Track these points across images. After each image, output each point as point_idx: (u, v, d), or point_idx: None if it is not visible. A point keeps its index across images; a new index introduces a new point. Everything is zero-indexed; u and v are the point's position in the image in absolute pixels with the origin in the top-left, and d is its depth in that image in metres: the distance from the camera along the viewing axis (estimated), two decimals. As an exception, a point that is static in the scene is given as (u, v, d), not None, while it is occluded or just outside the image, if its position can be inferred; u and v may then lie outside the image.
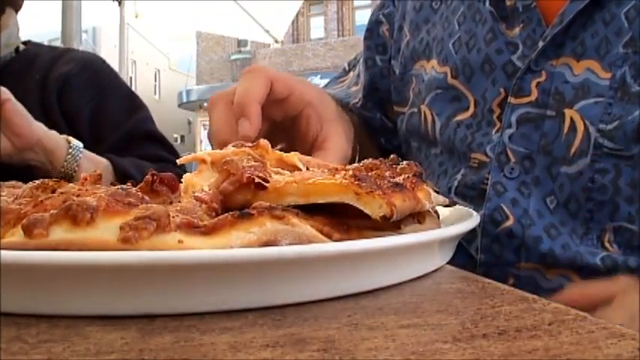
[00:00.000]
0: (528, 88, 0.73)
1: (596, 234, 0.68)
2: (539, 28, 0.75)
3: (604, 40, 0.70)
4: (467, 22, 0.83)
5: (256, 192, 0.39)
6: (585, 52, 0.71)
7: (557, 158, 0.70)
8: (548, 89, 0.72)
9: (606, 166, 0.68)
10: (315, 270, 0.35)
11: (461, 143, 0.78)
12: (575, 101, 0.70)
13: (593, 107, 0.69)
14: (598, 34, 0.71)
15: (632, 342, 0.29)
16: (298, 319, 0.32)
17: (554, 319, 0.33)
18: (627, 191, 0.67)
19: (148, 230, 0.33)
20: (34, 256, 0.30)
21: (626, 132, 0.67)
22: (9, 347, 0.28)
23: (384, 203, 0.37)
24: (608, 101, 0.68)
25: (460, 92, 0.81)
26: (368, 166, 0.46)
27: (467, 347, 0.28)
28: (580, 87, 0.70)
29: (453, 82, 0.82)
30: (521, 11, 0.77)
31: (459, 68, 0.82)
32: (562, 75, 0.72)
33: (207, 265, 0.32)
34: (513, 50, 0.76)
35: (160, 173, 0.40)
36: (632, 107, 0.67)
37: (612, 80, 0.68)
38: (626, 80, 0.68)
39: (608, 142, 0.67)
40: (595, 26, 0.71)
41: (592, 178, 0.68)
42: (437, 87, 0.84)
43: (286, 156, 0.47)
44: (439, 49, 0.85)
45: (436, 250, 0.43)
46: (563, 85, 0.71)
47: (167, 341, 0.29)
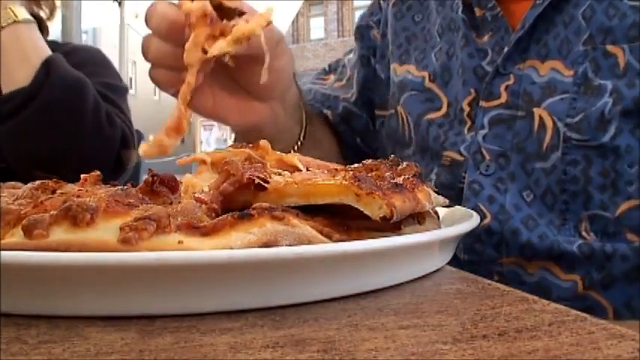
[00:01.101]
0: (498, 92, 0.77)
1: (573, 224, 0.71)
2: (506, 35, 0.79)
3: (565, 41, 0.74)
4: (445, 32, 0.87)
5: (256, 193, 0.39)
6: (549, 53, 0.75)
7: (530, 154, 0.73)
8: (517, 91, 0.75)
9: (576, 158, 0.71)
10: (315, 271, 0.35)
11: (434, 142, 0.81)
12: (543, 100, 0.73)
13: (559, 104, 0.72)
14: (559, 35, 0.74)
15: (632, 343, 0.29)
16: (298, 320, 0.32)
17: (554, 320, 0.33)
18: (598, 180, 0.70)
19: (147, 231, 0.33)
20: (34, 256, 0.30)
21: (590, 122, 0.70)
22: (9, 348, 0.28)
23: (384, 204, 0.37)
24: (572, 97, 0.71)
25: (434, 94, 0.85)
26: (368, 167, 0.46)
27: (467, 348, 0.28)
28: (546, 86, 0.73)
29: (430, 85, 0.86)
30: (490, 20, 0.80)
31: (437, 73, 0.85)
32: (529, 77, 0.75)
33: (208, 265, 0.32)
34: (483, 56, 0.80)
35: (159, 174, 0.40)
36: (595, 99, 0.70)
37: (575, 77, 0.72)
38: (587, 75, 0.72)
39: (576, 135, 0.70)
40: (556, 29, 0.74)
41: (564, 170, 0.71)
42: (412, 89, 0.87)
43: (286, 157, 0.47)
44: (420, 57, 0.89)
45: (436, 251, 0.43)
46: (531, 86, 0.74)
47: (167, 342, 0.29)
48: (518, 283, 0.72)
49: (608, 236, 0.70)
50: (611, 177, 0.70)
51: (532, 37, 0.76)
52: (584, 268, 0.69)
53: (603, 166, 0.70)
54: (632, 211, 0.69)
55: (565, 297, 0.70)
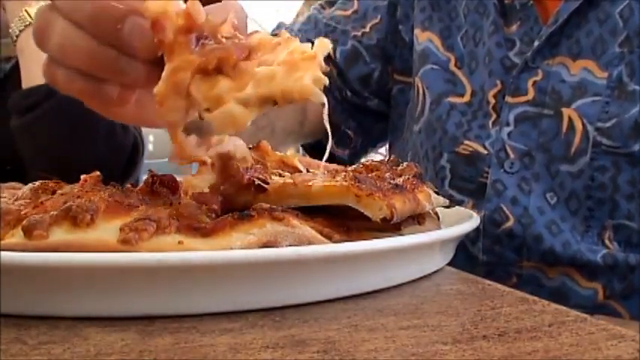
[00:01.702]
0: (525, 87, 0.74)
1: (597, 231, 0.69)
2: (536, 27, 0.75)
3: (599, 40, 0.71)
4: (471, 13, 0.82)
5: (256, 194, 0.39)
6: (581, 52, 0.72)
7: (555, 156, 0.71)
8: (544, 88, 0.72)
9: (605, 164, 0.68)
10: (315, 271, 0.35)
11: (455, 128, 0.77)
12: (573, 100, 0.70)
13: (590, 106, 0.69)
14: (593, 33, 0.71)
15: (632, 343, 0.29)
16: (298, 321, 0.32)
17: (554, 321, 0.33)
18: (626, 189, 0.68)
19: (147, 231, 0.33)
20: (34, 257, 0.30)
21: (623, 129, 0.67)
22: (9, 349, 0.28)
23: (384, 205, 0.37)
24: (605, 100, 0.69)
25: (459, 79, 0.81)
26: (368, 168, 0.46)
27: (467, 348, 0.28)
28: (577, 86, 0.71)
29: (456, 70, 0.81)
30: (519, 9, 0.77)
31: (465, 60, 0.81)
32: (558, 74, 0.72)
33: (207, 266, 0.32)
34: (511, 47, 0.76)
35: (159, 175, 0.40)
36: (629, 105, 0.68)
37: (609, 79, 0.69)
38: (622, 79, 0.69)
39: (607, 140, 0.68)
40: (589, 25, 0.72)
41: (592, 176, 0.69)
42: (434, 62, 0.82)
43: (287, 158, 0.47)
44: (446, 33, 0.84)
45: (436, 252, 0.43)
46: (560, 84, 0.72)
47: (167, 342, 0.29)
48: (536, 286, 0.70)
49: (631, 246, 0.68)
50: (639, 187, 0.68)
51: (563, 32, 0.73)
52: (606, 277, 0.68)
53: (632, 174, 0.68)
54: None
55: (583, 304, 0.68)
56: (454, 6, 0.84)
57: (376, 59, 0.90)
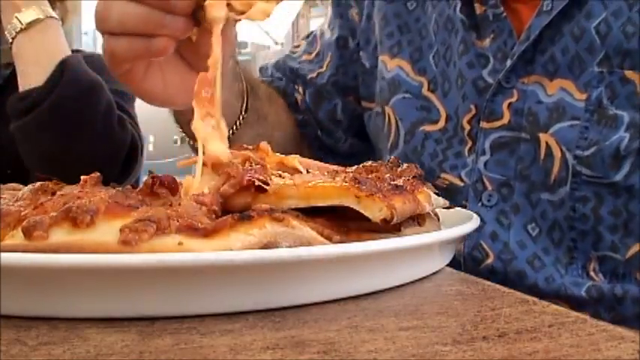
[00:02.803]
0: (500, 110, 0.70)
1: (581, 263, 0.67)
2: (510, 40, 0.71)
3: (576, 58, 0.67)
4: (440, 31, 0.78)
5: (256, 195, 0.39)
6: (558, 71, 0.68)
7: (536, 183, 0.68)
8: (521, 110, 0.69)
9: (587, 195, 0.66)
10: (315, 272, 0.35)
11: (430, 159, 0.75)
12: (550, 124, 0.67)
13: (568, 131, 0.66)
14: (569, 50, 0.68)
15: (632, 344, 0.29)
16: (298, 322, 0.32)
17: (554, 322, 0.33)
18: (609, 220, 0.65)
19: (148, 232, 0.33)
20: (34, 258, 0.30)
21: (603, 158, 0.64)
22: (9, 349, 0.28)
23: (384, 206, 0.37)
24: (584, 124, 0.66)
25: (432, 105, 0.77)
26: (368, 169, 0.46)
27: (467, 349, 0.28)
28: (554, 108, 0.67)
29: (428, 94, 0.78)
30: (492, 20, 0.73)
31: (438, 82, 0.77)
32: (535, 94, 0.69)
33: (207, 267, 0.32)
34: (484, 64, 0.73)
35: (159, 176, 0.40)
36: (610, 131, 0.65)
37: (588, 102, 0.66)
38: (602, 102, 0.65)
39: (587, 170, 0.65)
40: (564, 40, 0.68)
41: (573, 207, 0.66)
42: (406, 91, 0.79)
43: (287, 159, 0.47)
44: (416, 55, 0.80)
45: (436, 253, 0.43)
46: (537, 105, 0.68)
47: (167, 343, 0.29)
48: None
49: (617, 278, 0.66)
50: (622, 217, 0.65)
51: (537, 47, 0.69)
52: (593, 309, 0.65)
53: (615, 205, 0.65)
54: None
55: None
56: (424, 23, 0.81)
57: (335, 94, 0.89)
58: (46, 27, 0.95)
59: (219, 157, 0.45)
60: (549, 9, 0.68)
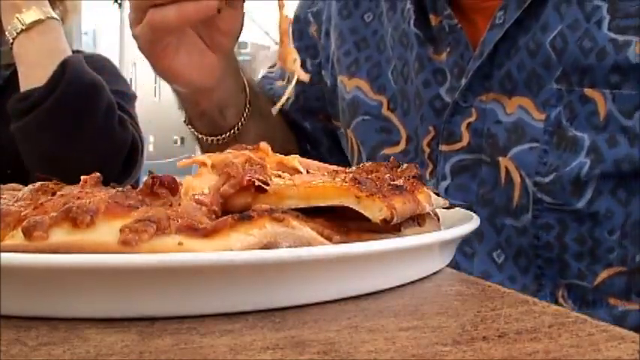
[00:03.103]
0: (459, 132, 0.67)
1: (549, 290, 0.65)
2: (467, 53, 0.68)
3: (533, 74, 0.64)
4: (397, 46, 0.75)
5: (256, 195, 0.39)
6: (516, 88, 0.64)
7: (499, 208, 0.65)
8: (480, 130, 0.66)
9: (549, 222, 0.63)
10: (315, 272, 0.35)
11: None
12: (509, 147, 0.64)
13: (527, 154, 0.63)
14: (525, 66, 0.64)
15: (632, 344, 0.29)
16: (298, 322, 0.32)
17: (554, 322, 0.33)
18: (575, 248, 0.63)
19: (148, 233, 0.33)
20: (34, 258, 0.30)
21: (563, 185, 0.61)
22: (9, 350, 0.28)
23: (384, 206, 0.37)
24: (543, 148, 0.63)
25: (392, 125, 0.74)
26: (368, 169, 0.46)
27: (467, 350, 0.28)
28: (513, 129, 0.64)
29: (388, 114, 0.75)
30: (448, 32, 0.69)
31: (397, 100, 0.74)
32: (493, 113, 0.65)
33: (207, 267, 0.32)
34: (441, 81, 0.69)
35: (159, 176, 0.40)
36: (569, 156, 0.61)
37: (547, 122, 0.62)
38: (561, 122, 0.62)
39: (547, 197, 0.62)
40: (520, 55, 0.64)
41: (536, 234, 0.63)
42: (365, 112, 0.76)
43: (286, 159, 0.47)
44: (374, 72, 0.76)
45: (436, 253, 0.43)
46: (496, 126, 0.65)
47: (167, 344, 0.29)
48: None
49: (587, 304, 0.63)
50: (588, 245, 0.62)
51: (493, 61, 0.65)
52: None
53: (579, 232, 0.62)
54: (614, 278, 0.63)
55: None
56: (382, 36, 0.77)
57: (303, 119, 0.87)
58: (47, 27, 0.95)
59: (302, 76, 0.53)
60: (502, 21, 0.64)
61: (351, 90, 0.78)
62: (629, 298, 0.63)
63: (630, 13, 0.60)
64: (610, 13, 0.61)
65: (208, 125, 0.74)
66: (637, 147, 0.60)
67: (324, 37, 0.84)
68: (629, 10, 0.60)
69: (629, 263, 0.62)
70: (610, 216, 0.61)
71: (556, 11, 0.63)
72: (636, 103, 0.60)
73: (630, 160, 0.60)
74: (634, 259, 0.62)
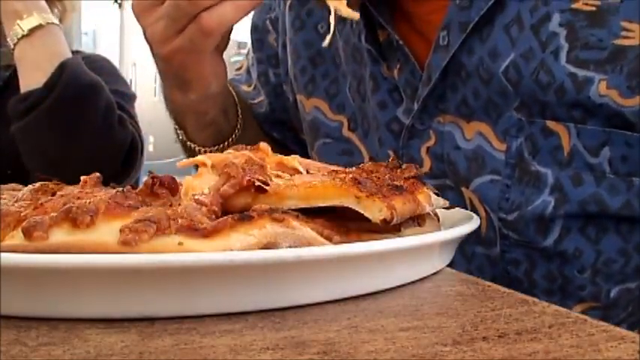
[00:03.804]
0: (419, 157, 0.63)
1: None
2: (416, 73, 0.63)
3: (490, 103, 0.59)
4: (349, 61, 0.70)
5: (256, 195, 0.39)
6: (474, 114, 0.60)
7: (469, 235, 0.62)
8: (440, 155, 0.62)
9: (518, 257, 0.59)
10: (315, 273, 0.35)
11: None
12: (470, 178, 0.61)
13: (490, 188, 0.59)
14: (480, 94, 0.59)
15: (632, 345, 0.29)
16: (298, 322, 0.32)
17: (554, 322, 0.33)
18: (544, 284, 0.59)
19: (148, 233, 0.33)
20: (34, 258, 0.30)
21: (528, 224, 0.57)
22: (9, 350, 0.28)
23: (384, 206, 0.37)
24: (505, 182, 0.59)
25: (354, 146, 0.70)
26: (367, 169, 0.46)
27: (467, 350, 0.28)
28: (473, 157, 0.60)
29: (349, 134, 0.70)
30: (396, 47, 0.64)
31: (357, 120, 0.70)
32: (452, 137, 0.61)
33: (207, 267, 0.32)
34: (398, 100, 0.65)
35: (159, 176, 0.40)
36: (532, 193, 0.57)
37: (508, 154, 0.58)
38: (523, 156, 0.57)
39: (513, 234, 0.58)
40: (473, 82, 0.59)
41: (506, 269, 0.60)
42: (326, 135, 0.72)
43: (286, 159, 0.47)
44: (332, 89, 0.72)
45: (436, 253, 0.43)
46: (455, 152, 0.61)
47: (167, 344, 0.29)
48: None
49: None
50: (558, 282, 0.59)
51: (446, 83, 0.60)
52: None
53: (549, 269, 0.58)
54: (588, 313, 0.56)
55: None
56: (336, 48, 0.71)
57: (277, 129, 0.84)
58: (47, 33, 0.96)
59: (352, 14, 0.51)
60: (445, 43, 0.59)
61: (310, 110, 0.73)
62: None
63: (591, 43, 0.55)
64: (568, 42, 0.55)
65: (214, 134, 0.72)
66: (603, 187, 0.56)
67: (282, 50, 0.79)
68: (590, 40, 0.55)
69: (603, 299, 0.59)
70: (579, 255, 0.57)
71: (506, 34, 0.57)
72: (602, 139, 0.55)
73: (597, 201, 0.56)
74: (608, 294, 0.58)
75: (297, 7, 0.74)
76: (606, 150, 0.55)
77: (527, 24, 0.57)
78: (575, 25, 0.55)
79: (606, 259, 0.57)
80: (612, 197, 0.55)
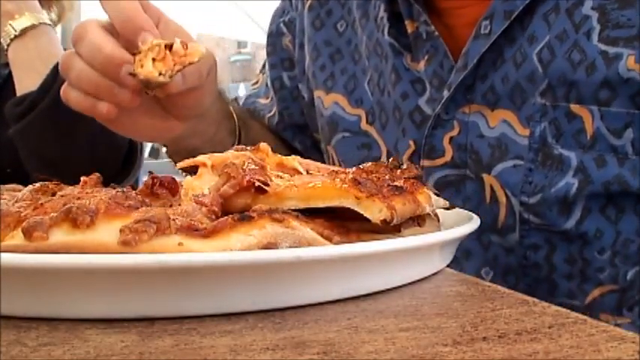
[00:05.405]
0: (441, 147, 0.65)
1: None
2: (446, 62, 0.65)
3: (517, 87, 0.61)
4: (372, 56, 0.72)
5: (256, 196, 0.39)
6: (499, 101, 0.62)
7: (485, 225, 0.61)
8: (463, 145, 0.64)
9: (537, 242, 0.61)
10: (315, 273, 0.35)
11: None
12: (493, 163, 0.62)
13: (512, 173, 0.61)
14: (509, 77, 0.61)
15: (632, 345, 0.29)
16: (298, 322, 0.32)
17: (554, 322, 0.33)
18: (564, 268, 0.61)
19: (147, 233, 0.33)
20: (34, 259, 0.30)
21: (550, 207, 0.59)
22: (9, 350, 0.28)
23: (384, 207, 0.37)
24: (528, 166, 0.60)
25: (372, 139, 0.72)
26: (367, 170, 0.46)
27: (467, 350, 0.28)
28: (497, 144, 0.62)
29: (368, 128, 0.73)
30: (425, 39, 0.66)
31: (375, 113, 0.72)
32: (476, 127, 0.63)
33: (207, 267, 0.32)
34: (421, 91, 0.67)
35: (159, 177, 0.40)
36: (556, 176, 0.59)
37: (531, 139, 0.60)
38: (546, 140, 0.59)
39: (534, 218, 0.60)
40: (505, 66, 0.62)
41: (524, 254, 0.62)
42: (344, 129, 0.74)
43: (286, 159, 0.47)
44: (351, 85, 0.74)
45: (436, 253, 0.43)
46: (479, 140, 0.63)
47: (167, 344, 0.29)
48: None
49: None
50: (578, 265, 0.60)
51: (477, 72, 0.62)
52: None
53: (569, 252, 0.60)
54: (605, 296, 0.61)
55: None
56: (356, 45, 0.74)
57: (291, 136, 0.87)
58: (40, 33, 0.95)
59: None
60: (487, 31, 0.61)
61: (329, 106, 0.76)
62: (621, 313, 0.62)
63: (621, 23, 0.57)
64: (600, 23, 0.58)
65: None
66: (627, 168, 0.57)
67: (299, 50, 0.81)
68: (620, 20, 0.57)
69: (621, 281, 0.60)
70: (599, 236, 0.59)
71: (544, 21, 0.60)
72: (626, 121, 0.57)
73: (620, 182, 0.57)
74: (625, 276, 0.60)
75: (317, 7, 0.77)
76: (629, 132, 0.57)
77: (562, 9, 0.60)
78: (607, 7, 0.58)
79: (625, 240, 0.59)
80: (635, 178, 0.57)
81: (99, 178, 0.45)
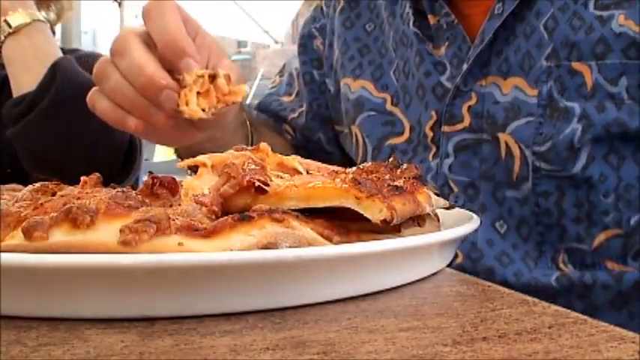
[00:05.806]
0: (460, 114, 0.72)
1: (550, 255, 0.68)
2: (464, 45, 0.74)
3: (526, 55, 0.69)
4: (399, 47, 0.81)
5: (256, 196, 0.39)
6: (510, 69, 0.70)
7: (500, 182, 0.70)
8: (480, 112, 0.71)
9: (548, 189, 0.67)
10: (315, 273, 0.35)
11: None
12: (507, 123, 0.69)
13: (524, 129, 0.68)
14: (520, 49, 0.69)
15: (632, 345, 0.29)
16: (298, 322, 0.32)
17: (554, 322, 0.33)
18: (573, 212, 0.67)
19: (148, 233, 0.33)
20: (34, 258, 0.30)
21: (559, 152, 0.66)
22: (9, 350, 0.28)
23: (384, 207, 0.37)
24: (538, 120, 0.67)
25: (396, 118, 0.80)
26: (367, 169, 0.46)
27: (467, 350, 0.28)
28: (510, 107, 0.69)
29: (392, 108, 0.80)
30: (446, 28, 0.75)
31: (399, 95, 0.80)
32: (491, 95, 0.71)
33: (208, 267, 0.32)
34: (442, 71, 0.75)
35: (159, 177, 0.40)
36: (562, 124, 0.66)
37: (539, 97, 0.68)
38: (553, 96, 0.67)
39: (545, 164, 0.67)
40: (517, 41, 0.70)
41: (536, 202, 0.68)
42: (370, 109, 0.82)
43: (286, 159, 0.47)
44: (377, 74, 0.83)
45: (436, 253, 0.43)
46: (494, 106, 0.70)
47: (167, 344, 0.29)
48: None
49: (586, 267, 0.67)
50: (585, 209, 0.67)
51: (492, 49, 0.71)
52: (564, 299, 0.67)
53: (577, 197, 0.67)
54: (611, 241, 0.66)
55: None
56: (383, 42, 0.84)
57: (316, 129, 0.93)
58: (35, 30, 0.94)
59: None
60: (500, 12, 0.70)
61: (356, 90, 0.84)
62: (626, 262, 0.67)
63: None
64: None
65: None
66: (624, 111, 0.65)
67: (328, 48, 0.90)
68: None
69: (624, 226, 0.66)
70: (604, 180, 0.66)
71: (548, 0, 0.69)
72: (620, 71, 0.65)
73: (618, 124, 0.65)
74: (628, 221, 0.66)
75: (347, 10, 0.88)
76: (624, 79, 0.65)
77: None
78: None
79: (626, 185, 0.66)
80: (631, 119, 0.65)
81: (99, 178, 0.45)
